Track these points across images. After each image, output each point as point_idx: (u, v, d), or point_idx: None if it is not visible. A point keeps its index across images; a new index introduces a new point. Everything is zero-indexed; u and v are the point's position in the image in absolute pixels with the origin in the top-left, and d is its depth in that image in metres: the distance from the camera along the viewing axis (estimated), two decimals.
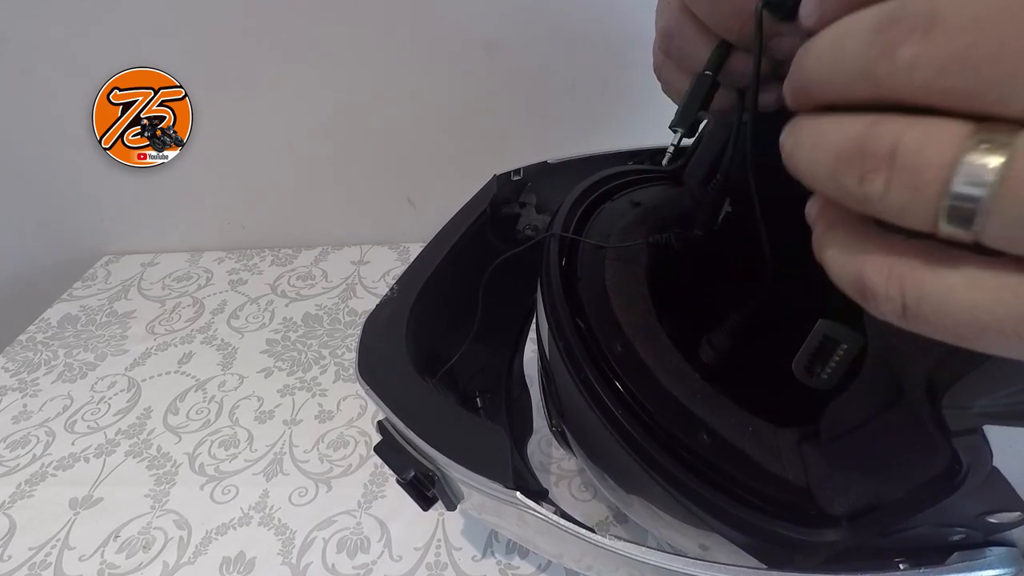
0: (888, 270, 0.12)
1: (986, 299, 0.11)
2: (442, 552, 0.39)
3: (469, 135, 0.64)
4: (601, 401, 0.24)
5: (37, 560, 0.41)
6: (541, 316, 0.29)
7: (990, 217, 0.11)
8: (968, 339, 0.12)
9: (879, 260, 0.12)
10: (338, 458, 0.46)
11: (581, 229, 0.31)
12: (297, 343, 0.58)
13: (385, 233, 0.71)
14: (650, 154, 0.38)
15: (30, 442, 0.50)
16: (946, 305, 0.12)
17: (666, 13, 0.23)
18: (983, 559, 0.22)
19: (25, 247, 0.73)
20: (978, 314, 0.11)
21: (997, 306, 0.11)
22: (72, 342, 0.60)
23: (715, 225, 0.31)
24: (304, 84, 0.62)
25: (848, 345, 0.25)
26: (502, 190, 0.37)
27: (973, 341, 0.12)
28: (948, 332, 0.12)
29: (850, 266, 0.13)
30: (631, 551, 0.22)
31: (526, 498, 0.23)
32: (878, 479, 0.20)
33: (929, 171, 0.11)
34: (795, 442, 0.22)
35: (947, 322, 0.12)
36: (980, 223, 0.11)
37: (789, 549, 0.21)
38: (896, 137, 0.11)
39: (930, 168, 0.11)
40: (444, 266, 0.33)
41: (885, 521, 0.20)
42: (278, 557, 0.40)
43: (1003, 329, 0.11)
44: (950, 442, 0.18)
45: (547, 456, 0.44)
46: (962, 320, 0.12)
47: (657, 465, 0.23)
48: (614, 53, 0.58)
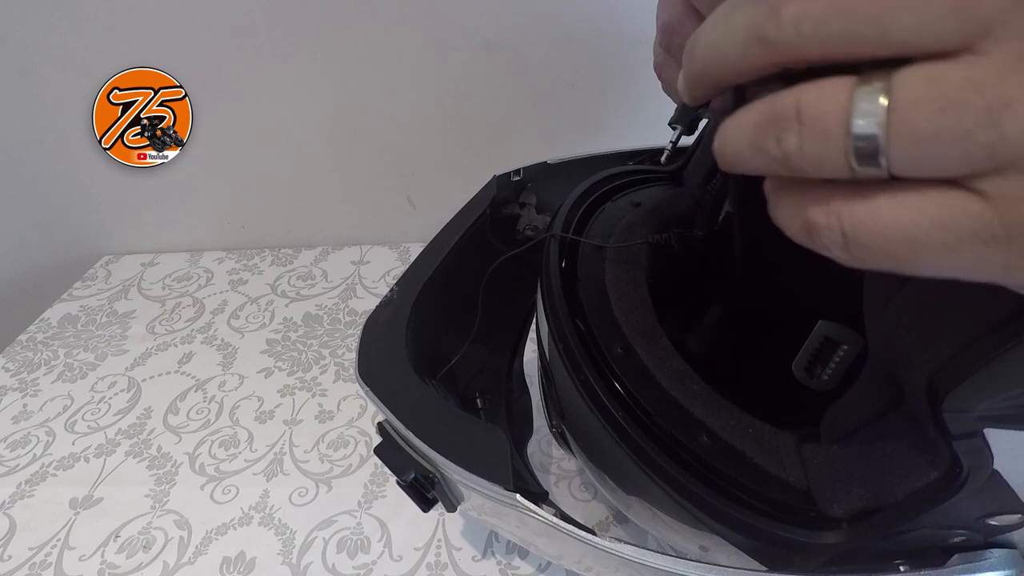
0: (827, 207, 0.13)
1: (912, 214, 0.12)
2: (442, 552, 0.39)
3: (469, 135, 0.64)
4: (601, 403, 0.24)
5: (37, 560, 0.41)
6: (541, 317, 0.29)
7: (890, 150, 0.12)
8: (904, 259, 0.13)
9: (819, 202, 0.14)
10: (338, 458, 0.46)
11: (581, 229, 0.30)
12: (297, 343, 0.58)
13: (385, 233, 0.71)
14: (650, 154, 0.38)
15: (30, 442, 0.50)
16: (878, 226, 0.13)
17: (667, 8, 0.22)
18: (984, 561, 0.22)
19: (25, 247, 0.73)
20: (907, 229, 0.12)
21: (922, 218, 0.12)
22: (72, 342, 0.60)
23: (715, 225, 0.31)
24: (304, 84, 0.62)
25: (848, 346, 0.25)
26: (502, 191, 0.37)
27: (908, 261, 0.13)
28: (885, 255, 0.13)
29: (797, 215, 0.14)
30: (631, 553, 0.22)
31: (526, 500, 0.23)
32: (878, 481, 0.20)
33: (830, 119, 0.12)
34: (795, 444, 0.22)
35: (881, 242, 0.13)
36: (884, 157, 0.12)
37: (789, 551, 0.21)
38: (798, 97, 0.13)
39: (830, 116, 0.12)
40: (444, 267, 0.33)
41: (885, 523, 0.20)
42: (278, 557, 0.40)
43: (930, 241, 0.12)
44: (951, 445, 0.18)
45: (547, 456, 0.44)
46: (894, 238, 0.13)
47: (657, 467, 0.23)
48: (614, 53, 0.58)
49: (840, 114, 0.12)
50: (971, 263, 0.12)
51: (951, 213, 0.12)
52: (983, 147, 0.11)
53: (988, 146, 0.11)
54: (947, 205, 0.12)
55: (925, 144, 0.12)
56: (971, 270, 0.13)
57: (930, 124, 0.11)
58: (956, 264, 0.13)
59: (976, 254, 0.12)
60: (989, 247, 0.12)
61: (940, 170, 0.12)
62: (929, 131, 0.12)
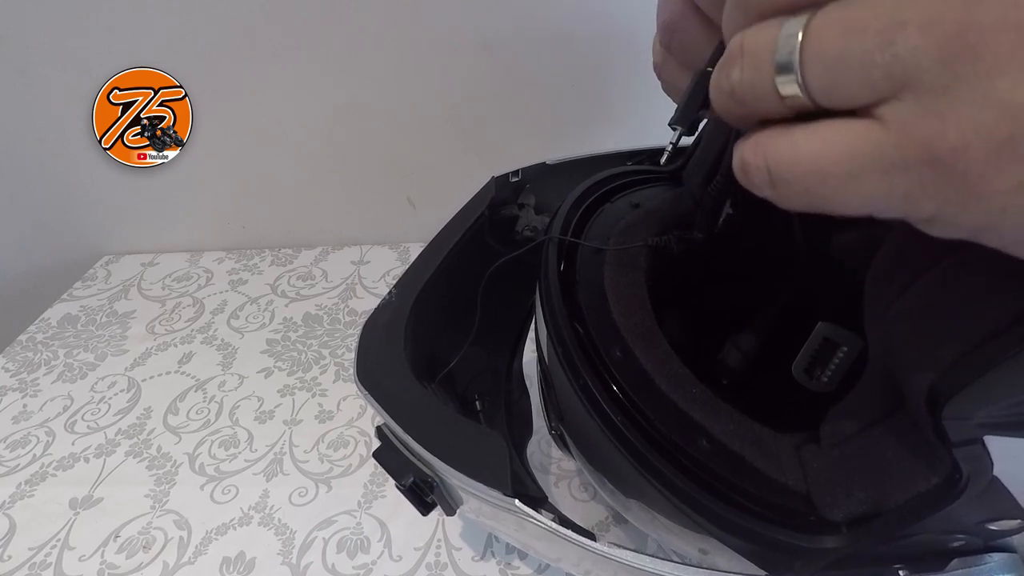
0: (755, 145, 0.15)
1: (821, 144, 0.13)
2: (442, 552, 0.39)
3: (469, 135, 0.64)
4: (600, 406, 0.24)
5: (37, 560, 0.41)
6: (539, 320, 0.29)
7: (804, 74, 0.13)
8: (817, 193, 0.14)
9: (751, 140, 0.15)
10: (338, 458, 0.46)
11: (580, 231, 0.30)
12: (297, 343, 0.58)
13: (385, 233, 0.71)
14: (650, 154, 0.38)
15: (30, 442, 0.50)
16: (794, 160, 0.14)
17: (668, 6, 0.22)
18: (983, 565, 0.22)
19: (25, 247, 0.73)
20: (816, 160, 0.13)
21: (829, 148, 0.13)
22: (72, 342, 0.60)
23: (715, 227, 0.31)
24: (304, 84, 0.62)
25: (848, 348, 0.25)
26: (501, 191, 0.37)
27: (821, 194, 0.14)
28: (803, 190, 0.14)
29: (736, 155, 0.15)
30: (630, 558, 0.22)
31: (524, 506, 0.23)
32: (878, 486, 0.20)
33: (761, 50, 0.14)
34: (795, 448, 0.22)
35: (798, 175, 0.14)
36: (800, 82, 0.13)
37: (789, 555, 0.21)
38: (742, 36, 0.15)
39: (762, 48, 0.14)
40: (442, 269, 0.33)
41: (885, 528, 0.20)
42: (278, 557, 0.40)
43: (837, 171, 0.13)
44: (951, 452, 0.17)
45: (547, 456, 0.44)
46: (807, 171, 0.14)
47: (655, 470, 0.23)
48: (613, 53, 0.57)
49: (769, 43, 0.14)
50: (875, 193, 0.13)
51: (854, 142, 0.13)
52: (881, 68, 0.12)
53: (885, 67, 0.12)
54: (850, 134, 0.13)
55: (833, 67, 0.13)
56: (877, 202, 0.13)
57: (835, 47, 0.12)
58: (862, 196, 0.13)
59: (878, 183, 0.13)
60: (888, 174, 0.13)
61: (850, 95, 0.13)
62: (835, 54, 0.12)
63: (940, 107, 0.12)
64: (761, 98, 0.14)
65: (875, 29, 0.12)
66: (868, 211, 0.14)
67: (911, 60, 0.12)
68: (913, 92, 0.12)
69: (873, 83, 0.12)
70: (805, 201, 0.14)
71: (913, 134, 0.12)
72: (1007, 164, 0.11)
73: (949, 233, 0.13)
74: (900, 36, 0.12)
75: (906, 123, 0.12)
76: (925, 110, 0.12)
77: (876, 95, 0.12)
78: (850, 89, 0.13)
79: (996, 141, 0.11)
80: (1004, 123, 0.11)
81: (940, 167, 0.12)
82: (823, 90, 0.13)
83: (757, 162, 0.14)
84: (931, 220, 0.13)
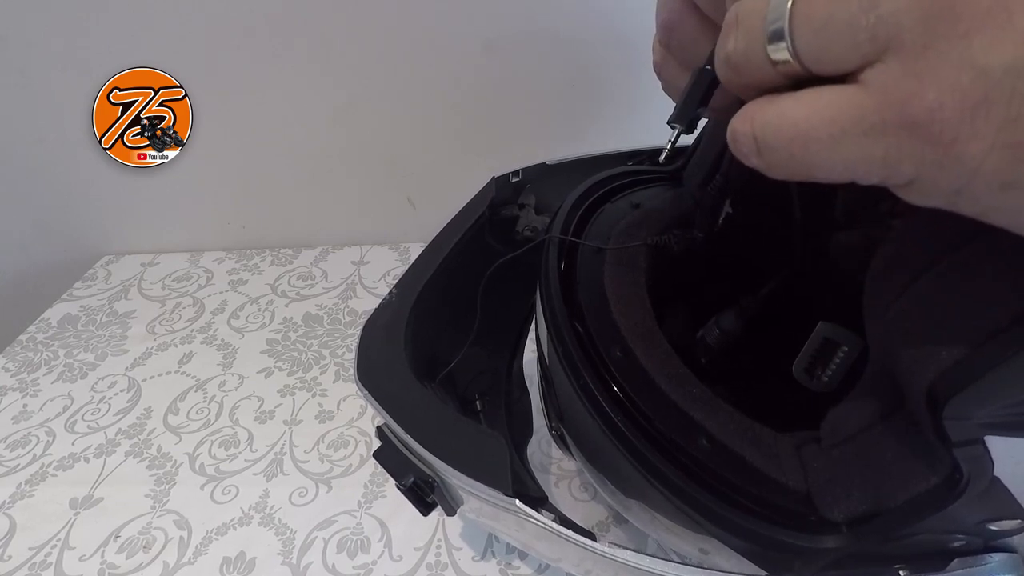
0: (744, 114, 0.15)
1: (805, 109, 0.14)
2: (442, 552, 0.39)
3: (469, 135, 0.64)
4: (600, 406, 0.24)
5: (37, 560, 0.41)
6: (540, 320, 0.29)
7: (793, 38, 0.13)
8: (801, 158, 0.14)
9: (743, 109, 0.15)
10: (338, 458, 0.46)
11: (580, 231, 0.30)
12: (297, 343, 0.58)
13: (385, 233, 0.71)
14: (649, 154, 0.38)
15: (30, 442, 0.50)
16: (780, 126, 0.14)
17: (667, 5, 0.22)
18: (984, 565, 0.22)
19: (25, 247, 0.73)
20: (800, 125, 0.14)
21: (813, 112, 0.13)
22: (72, 342, 0.60)
23: (715, 226, 0.31)
24: (304, 84, 0.62)
25: (848, 348, 0.25)
26: (501, 192, 0.37)
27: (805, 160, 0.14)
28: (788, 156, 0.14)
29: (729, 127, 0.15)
30: (630, 558, 0.22)
31: (525, 506, 0.23)
32: (879, 486, 0.20)
33: (754, 18, 0.14)
34: (795, 447, 0.22)
35: (784, 141, 0.14)
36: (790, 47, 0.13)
37: (789, 555, 0.21)
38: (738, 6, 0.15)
39: (754, 16, 0.14)
40: (442, 269, 0.33)
41: (885, 528, 0.20)
42: (278, 557, 0.40)
43: (819, 136, 0.13)
44: (951, 452, 0.17)
45: (547, 456, 0.44)
46: (792, 136, 0.14)
47: (656, 470, 0.23)
48: (614, 53, 0.57)
49: (761, 11, 0.14)
50: (855, 157, 0.13)
51: (837, 106, 0.13)
52: (866, 30, 0.12)
53: (869, 28, 0.12)
54: (834, 98, 0.13)
55: (820, 31, 0.13)
56: (858, 166, 0.13)
57: (823, 12, 0.13)
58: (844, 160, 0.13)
59: (858, 146, 0.13)
60: (868, 137, 0.13)
61: (838, 59, 0.13)
62: (822, 17, 0.13)
63: (918, 68, 0.12)
64: (756, 66, 0.14)
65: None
66: (850, 176, 0.14)
67: (893, 21, 0.12)
68: (895, 54, 0.12)
69: (859, 46, 0.12)
70: (790, 168, 0.14)
71: (892, 96, 0.12)
72: (981, 125, 0.12)
73: (928, 200, 0.13)
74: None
75: (886, 85, 0.12)
76: (905, 72, 0.12)
77: (862, 58, 0.13)
78: (838, 53, 0.13)
79: (971, 102, 0.11)
80: (978, 84, 0.11)
81: (916, 128, 0.12)
82: (813, 55, 0.13)
83: (745, 129, 0.15)
84: (910, 185, 0.13)
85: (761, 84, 0.15)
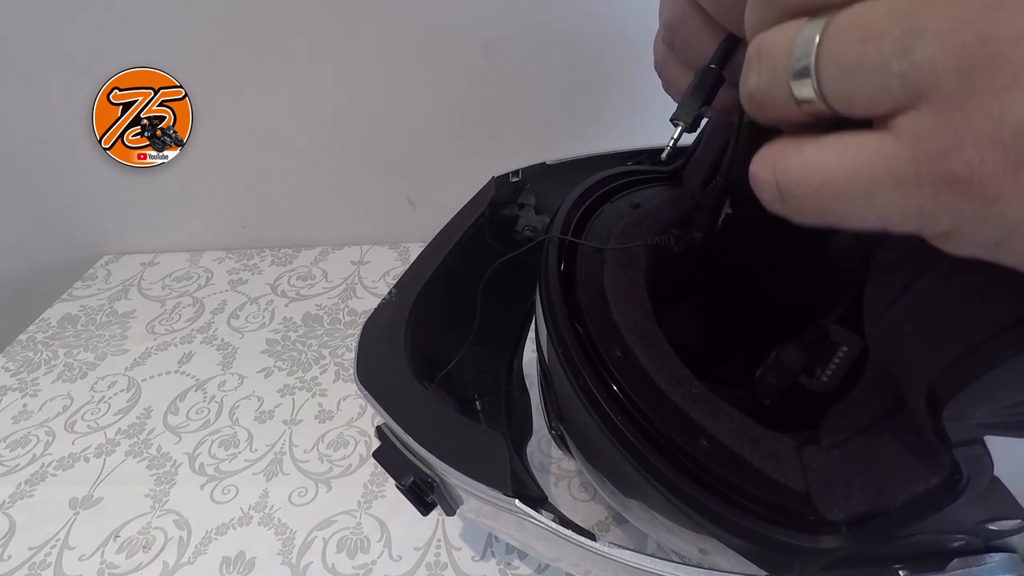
0: (765, 159, 0.14)
1: (832, 159, 0.13)
2: (442, 552, 0.39)
3: (469, 135, 0.64)
4: (599, 406, 0.24)
5: (37, 560, 0.41)
6: (540, 320, 0.29)
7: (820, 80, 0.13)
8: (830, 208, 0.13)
9: (761, 154, 0.15)
10: (338, 458, 0.46)
11: (580, 231, 0.30)
12: (297, 343, 0.58)
13: (385, 233, 0.71)
14: (649, 154, 0.38)
15: (30, 442, 0.50)
16: (805, 174, 0.13)
17: (671, 5, 0.22)
18: (983, 565, 0.22)
19: (25, 247, 0.73)
20: (827, 175, 0.13)
21: (841, 163, 0.13)
22: (72, 342, 0.60)
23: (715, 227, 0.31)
24: (304, 84, 0.62)
25: (848, 348, 0.25)
26: (501, 191, 0.37)
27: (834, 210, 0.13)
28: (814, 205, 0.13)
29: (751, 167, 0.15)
30: (629, 558, 0.22)
31: (524, 506, 0.23)
32: (878, 487, 0.20)
33: (778, 53, 0.13)
34: (795, 448, 0.22)
35: (809, 191, 0.13)
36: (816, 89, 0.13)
37: (789, 555, 0.21)
38: (760, 39, 0.14)
39: (778, 51, 0.13)
40: (442, 269, 0.33)
41: (885, 528, 0.20)
42: (278, 557, 0.40)
43: (849, 187, 0.13)
44: (951, 452, 0.17)
45: (547, 456, 0.44)
46: (818, 186, 0.13)
47: (656, 471, 0.23)
48: (614, 53, 0.57)
49: (786, 48, 0.13)
50: (889, 209, 0.12)
51: (867, 156, 0.12)
52: (898, 76, 0.11)
53: (902, 75, 0.11)
54: (864, 147, 0.12)
55: (850, 73, 0.12)
56: (891, 217, 0.13)
57: (853, 54, 0.12)
58: (876, 212, 0.13)
59: (892, 198, 0.12)
60: (902, 189, 0.12)
61: (868, 103, 0.12)
62: (853, 60, 0.12)
63: (956, 120, 0.11)
64: (779, 103, 0.14)
65: (893, 36, 0.11)
66: (883, 226, 0.13)
67: (929, 69, 0.11)
68: (929, 103, 0.11)
69: (891, 91, 0.12)
70: (817, 217, 0.14)
71: (928, 148, 0.12)
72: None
73: (964, 250, 0.13)
74: (918, 44, 0.11)
75: (921, 136, 0.12)
76: (941, 123, 0.11)
77: (894, 104, 0.12)
78: (868, 97, 0.12)
79: (1013, 158, 0.11)
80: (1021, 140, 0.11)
81: (955, 183, 0.11)
82: (840, 97, 0.13)
83: (766, 176, 0.14)
84: (946, 235, 0.13)
85: (785, 121, 0.14)
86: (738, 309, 0.35)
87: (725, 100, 0.22)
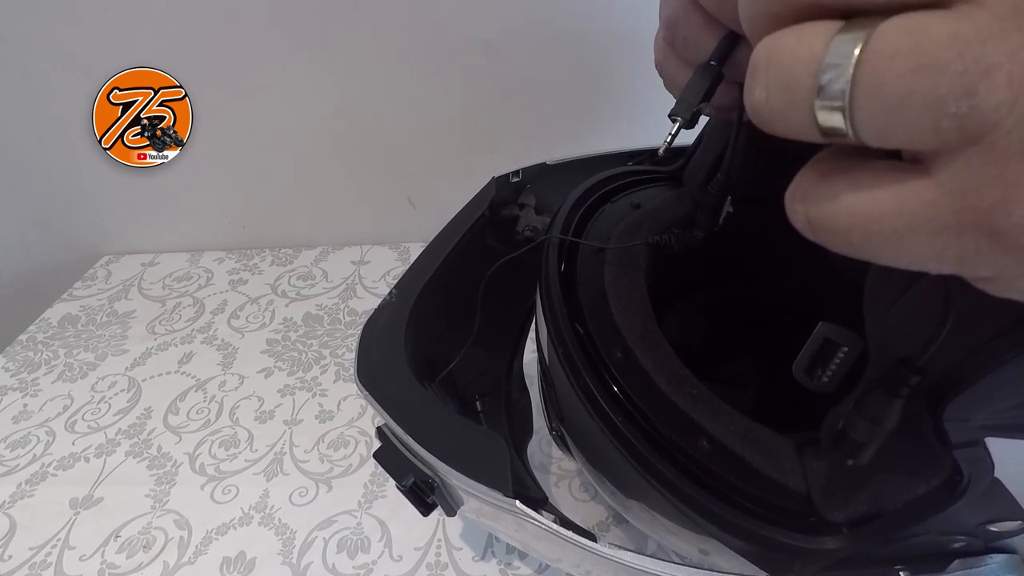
0: (798, 188, 0.13)
1: (865, 202, 0.12)
2: (442, 552, 0.39)
3: (469, 135, 0.64)
4: (600, 407, 0.24)
5: (37, 560, 0.41)
6: (540, 321, 0.29)
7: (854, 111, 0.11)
8: (861, 248, 0.12)
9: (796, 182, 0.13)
10: (338, 458, 0.46)
11: (581, 231, 0.30)
12: (297, 343, 0.58)
13: (385, 233, 0.71)
14: (649, 154, 0.38)
15: (30, 442, 0.50)
16: (834, 212, 0.12)
17: (672, 2, 0.22)
18: (984, 566, 0.22)
19: (25, 247, 0.73)
20: (860, 217, 0.12)
21: (874, 206, 0.12)
22: (72, 342, 0.60)
23: (715, 227, 0.31)
24: (304, 84, 0.62)
25: (848, 348, 0.25)
26: (501, 192, 0.37)
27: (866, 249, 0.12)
28: (845, 243, 0.12)
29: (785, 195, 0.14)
30: (629, 559, 0.22)
31: (525, 507, 0.23)
32: (879, 488, 0.20)
33: (796, 69, 0.11)
34: (795, 449, 0.22)
35: (839, 229, 0.12)
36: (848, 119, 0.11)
37: (789, 556, 0.21)
38: (771, 43, 0.12)
39: (796, 66, 0.11)
40: (442, 270, 0.33)
41: (886, 529, 0.20)
42: (278, 557, 0.40)
43: (882, 230, 0.12)
44: (951, 453, 0.17)
45: (547, 456, 0.44)
46: (850, 226, 0.12)
47: (656, 471, 0.23)
48: (614, 52, 0.57)
49: (812, 63, 0.11)
50: (925, 254, 0.12)
51: (904, 199, 0.11)
52: (953, 118, 0.10)
53: (958, 117, 0.10)
54: (899, 192, 0.11)
55: (893, 108, 0.10)
56: (927, 260, 0.12)
57: (901, 85, 0.10)
58: (911, 256, 0.12)
59: (928, 244, 0.11)
60: (940, 237, 0.11)
61: (907, 140, 0.11)
62: (899, 93, 0.10)
63: (1008, 175, 0.10)
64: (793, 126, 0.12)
65: (955, 71, 0.10)
66: (919, 268, 0.12)
67: (992, 117, 0.10)
68: (980, 151, 0.10)
69: (940, 132, 0.10)
70: (849, 252, 0.13)
71: (971, 199, 0.10)
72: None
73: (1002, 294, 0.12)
74: (984, 85, 0.10)
75: (964, 184, 0.10)
76: (992, 175, 0.10)
77: (941, 144, 0.11)
78: (908, 135, 0.11)
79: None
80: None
81: (1000, 237, 0.11)
82: (876, 133, 0.11)
83: (797, 208, 0.13)
84: (987, 281, 0.12)
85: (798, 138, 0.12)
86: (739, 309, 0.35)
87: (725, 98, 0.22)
